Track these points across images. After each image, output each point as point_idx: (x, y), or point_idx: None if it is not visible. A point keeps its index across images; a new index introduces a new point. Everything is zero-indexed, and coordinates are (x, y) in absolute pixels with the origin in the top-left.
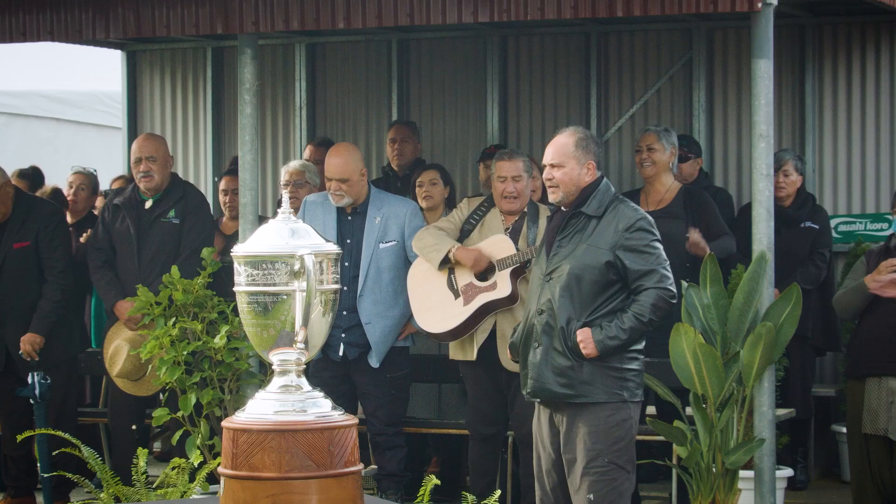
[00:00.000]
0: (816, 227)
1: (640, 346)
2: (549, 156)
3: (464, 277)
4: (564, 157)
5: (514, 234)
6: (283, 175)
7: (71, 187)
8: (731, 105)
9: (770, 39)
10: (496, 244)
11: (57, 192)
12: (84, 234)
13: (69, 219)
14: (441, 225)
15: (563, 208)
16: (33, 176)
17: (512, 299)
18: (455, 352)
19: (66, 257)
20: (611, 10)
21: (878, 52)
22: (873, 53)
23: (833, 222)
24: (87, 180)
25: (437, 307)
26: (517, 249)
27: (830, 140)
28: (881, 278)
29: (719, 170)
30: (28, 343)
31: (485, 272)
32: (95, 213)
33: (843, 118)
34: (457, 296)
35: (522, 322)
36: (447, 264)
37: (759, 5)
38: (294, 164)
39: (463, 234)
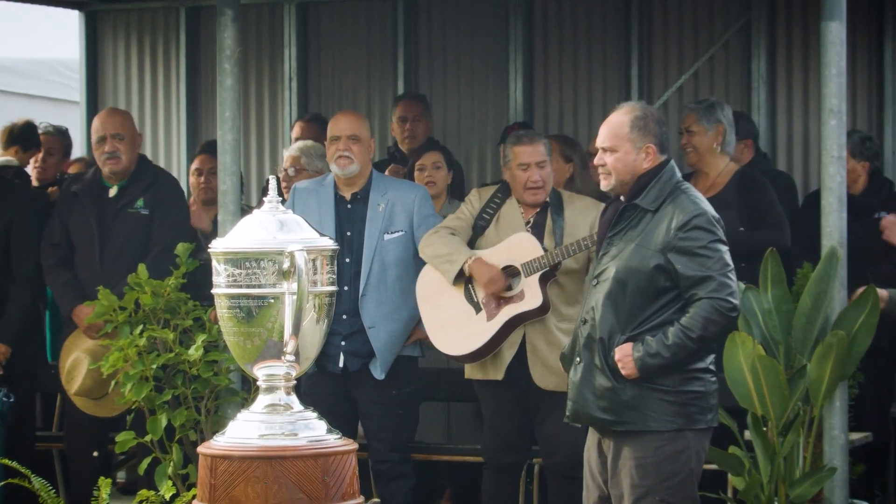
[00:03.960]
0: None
1: (706, 363)
2: (601, 138)
3: None
4: (618, 139)
5: (537, 230)
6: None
7: (39, 150)
8: (797, 76)
9: None
10: (520, 244)
11: None
12: None
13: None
14: (451, 224)
15: (622, 198)
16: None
17: (543, 309)
18: (473, 370)
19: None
20: None
21: None
22: None
23: None
24: (58, 141)
25: (454, 324)
26: (545, 250)
27: None
28: None
29: (782, 151)
30: None
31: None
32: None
33: None
34: (478, 309)
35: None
36: (462, 277)
37: None
38: (294, 146)
39: (476, 232)
